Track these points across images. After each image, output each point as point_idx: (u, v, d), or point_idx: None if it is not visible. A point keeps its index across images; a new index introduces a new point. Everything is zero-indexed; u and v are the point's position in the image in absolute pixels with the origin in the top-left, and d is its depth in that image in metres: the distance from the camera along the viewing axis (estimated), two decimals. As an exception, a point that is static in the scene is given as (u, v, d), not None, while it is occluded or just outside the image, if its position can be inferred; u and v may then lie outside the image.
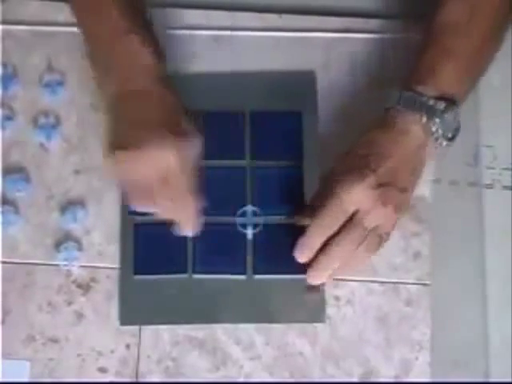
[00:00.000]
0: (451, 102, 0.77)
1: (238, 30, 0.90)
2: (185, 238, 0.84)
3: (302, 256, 0.79)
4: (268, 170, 0.85)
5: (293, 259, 0.83)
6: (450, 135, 0.78)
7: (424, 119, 0.77)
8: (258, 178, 0.85)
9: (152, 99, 0.77)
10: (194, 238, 0.84)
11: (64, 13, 0.89)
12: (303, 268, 0.83)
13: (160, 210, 0.79)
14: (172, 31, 0.89)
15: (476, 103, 0.89)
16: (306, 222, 0.79)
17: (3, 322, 0.82)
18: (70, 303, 0.83)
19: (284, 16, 0.90)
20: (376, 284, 0.84)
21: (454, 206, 0.87)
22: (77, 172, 0.86)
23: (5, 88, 0.88)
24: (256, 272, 0.84)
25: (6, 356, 0.82)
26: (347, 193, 0.76)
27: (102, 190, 0.86)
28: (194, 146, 0.77)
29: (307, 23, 0.90)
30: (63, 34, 0.88)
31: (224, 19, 0.90)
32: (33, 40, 0.89)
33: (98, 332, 0.83)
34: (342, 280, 0.84)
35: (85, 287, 0.83)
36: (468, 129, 0.88)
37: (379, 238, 0.78)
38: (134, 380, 0.82)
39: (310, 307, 0.83)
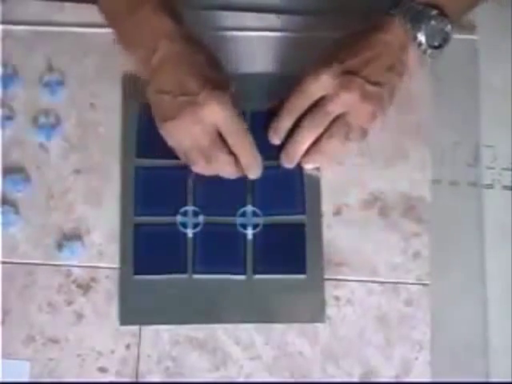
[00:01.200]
0: (440, 11, 0.80)
1: (238, 30, 0.90)
2: (185, 238, 0.84)
3: (274, 137, 0.83)
4: (268, 170, 0.85)
5: (293, 259, 0.84)
6: (435, 43, 0.80)
7: (408, 23, 0.80)
8: (258, 178, 0.85)
9: (181, 62, 0.80)
10: (194, 238, 0.84)
11: (64, 13, 0.89)
12: (303, 268, 0.83)
13: (220, 169, 0.81)
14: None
15: (476, 103, 0.89)
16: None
17: (3, 322, 0.82)
18: (69, 303, 0.83)
19: (282, 17, 0.90)
20: (376, 284, 0.84)
21: (454, 206, 0.87)
22: (77, 172, 0.86)
23: (5, 88, 0.88)
24: (256, 272, 0.84)
25: (5, 356, 0.82)
26: (312, 78, 0.80)
27: (102, 190, 0.86)
28: (231, 93, 0.80)
29: (307, 23, 0.90)
30: (63, 34, 0.89)
31: (224, 19, 0.90)
32: (33, 40, 0.89)
33: (98, 332, 0.83)
34: (341, 280, 0.84)
35: (85, 287, 0.83)
36: (468, 129, 0.89)
37: (347, 126, 0.80)
38: (133, 380, 0.82)
39: (310, 307, 0.83)
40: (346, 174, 0.86)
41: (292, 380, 0.83)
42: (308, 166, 0.85)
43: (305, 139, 0.82)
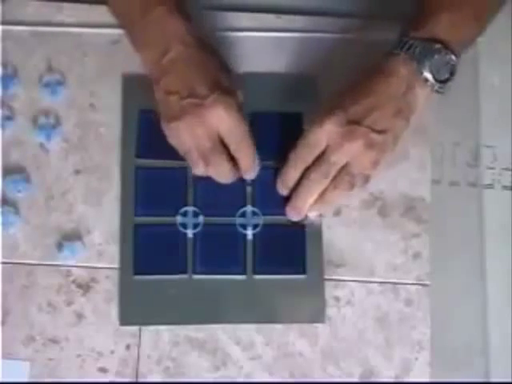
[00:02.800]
0: (444, 45, 0.79)
1: (238, 30, 0.90)
2: (185, 239, 0.84)
3: (281, 188, 0.84)
4: (268, 171, 0.85)
5: (293, 259, 0.84)
6: (442, 78, 0.79)
7: (414, 61, 0.79)
8: (258, 179, 0.85)
9: (192, 64, 0.80)
10: (194, 238, 0.84)
11: (64, 13, 0.89)
12: (303, 268, 0.83)
13: (218, 173, 0.82)
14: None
15: (476, 103, 0.89)
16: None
17: (3, 322, 0.82)
18: (69, 303, 0.83)
19: (283, 17, 0.90)
20: (376, 284, 0.84)
21: (454, 207, 0.87)
22: (77, 172, 0.86)
23: (5, 88, 0.87)
24: (256, 272, 0.84)
25: (5, 356, 0.82)
26: (317, 128, 0.79)
27: (102, 190, 0.86)
28: (238, 99, 0.81)
29: (307, 24, 0.90)
30: (63, 34, 0.88)
31: (224, 19, 0.90)
32: (33, 40, 0.89)
33: (98, 332, 0.83)
34: (341, 280, 0.84)
35: (85, 287, 0.83)
36: (468, 129, 0.89)
37: (350, 176, 0.80)
38: (133, 380, 0.82)
39: (310, 307, 0.83)
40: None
41: (292, 380, 0.83)
42: (311, 215, 0.84)
43: (312, 192, 0.81)
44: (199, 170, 0.82)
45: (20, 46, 0.89)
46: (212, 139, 0.79)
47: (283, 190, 0.84)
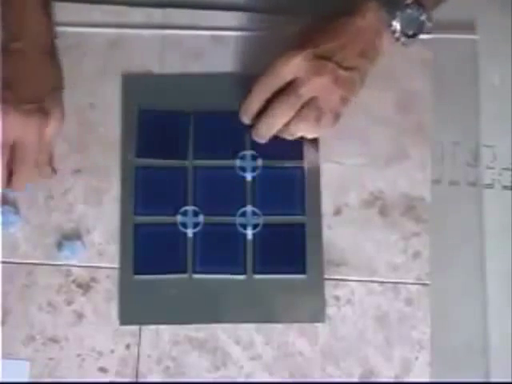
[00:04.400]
0: (417, 1, 0.80)
1: (238, 30, 0.90)
2: (184, 238, 0.84)
3: (243, 117, 0.84)
4: (268, 170, 0.85)
5: (293, 259, 0.84)
6: (410, 32, 0.80)
7: (384, 9, 0.80)
8: (258, 178, 0.85)
9: (29, 64, 0.81)
10: (194, 238, 0.84)
11: (64, 13, 0.89)
12: (303, 268, 0.83)
13: None
14: (172, 31, 0.89)
15: (476, 103, 0.89)
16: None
17: (3, 322, 0.82)
18: (69, 303, 0.83)
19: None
20: (376, 284, 0.84)
21: (454, 206, 0.87)
22: (77, 172, 0.86)
23: (5, 88, 0.88)
24: (256, 272, 0.84)
25: (5, 356, 0.82)
26: (284, 61, 0.80)
27: (102, 190, 0.86)
28: (53, 122, 0.82)
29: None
30: (63, 34, 0.88)
31: (224, 19, 0.90)
32: (33, 40, 0.89)
33: (98, 332, 0.83)
34: (341, 280, 0.84)
35: (85, 287, 0.83)
36: (468, 129, 0.89)
37: (317, 110, 0.80)
38: (133, 380, 0.82)
39: (310, 307, 0.83)
40: (345, 174, 0.86)
41: (292, 380, 0.83)
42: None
43: (276, 121, 0.82)
44: None
45: (20, 45, 0.89)
46: (4, 141, 0.79)
47: (245, 118, 0.84)
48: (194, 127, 0.86)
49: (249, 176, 0.86)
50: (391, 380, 0.83)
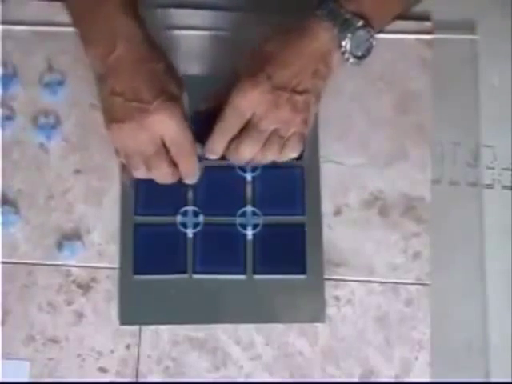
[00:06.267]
0: (367, 22, 0.80)
1: (238, 30, 0.89)
2: (184, 238, 0.84)
3: (211, 156, 0.83)
4: (268, 170, 0.85)
5: (293, 259, 0.84)
6: (359, 54, 0.80)
7: (336, 30, 0.79)
8: (258, 178, 0.85)
9: (137, 67, 0.79)
10: (194, 238, 0.84)
11: (64, 13, 0.88)
12: (303, 268, 0.83)
13: (159, 176, 0.81)
14: (172, 31, 0.89)
15: (476, 103, 0.89)
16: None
17: (3, 322, 0.82)
18: (70, 303, 0.83)
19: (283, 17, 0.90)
20: (376, 284, 0.84)
21: (454, 206, 0.87)
22: (77, 172, 0.86)
23: (5, 88, 0.88)
24: (256, 272, 0.84)
25: (5, 356, 0.82)
26: (242, 98, 0.79)
27: (102, 190, 0.86)
28: (183, 104, 0.80)
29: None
30: (63, 34, 0.88)
31: (224, 19, 0.90)
32: (33, 40, 0.89)
33: (98, 332, 0.83)
34: (341, 280, 0.84)
35: (85, 287, 0.84)
36: (468, 129, 0.89)
37: (280, 139, 0.81)
38: (133, 380, 0.82)
39: (310, 307, 0.83)
40: (345, 174, 0.86)
41: (292, 380, 0.83)
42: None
43: (243, 157, 0.82)
44: (140, 173, 0.81)
45: (20, 45, 0.89)
46: (155, 144, 0.79)
47: (213, 157, 0.83)
48: (193, 127, 0.86)
49: (249, 176, 0.86)
50: (391, 380, 0.83)
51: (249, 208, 0.85)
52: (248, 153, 0.81)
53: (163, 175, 0.81)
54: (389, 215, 0.86)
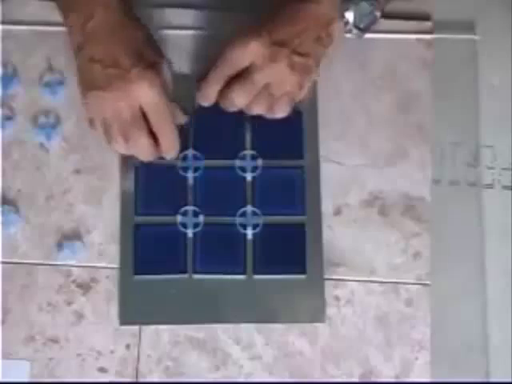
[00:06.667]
0: None
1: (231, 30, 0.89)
2: (185, 238, 0.84)
3: (202, 100, 0.84)
4: (268, 170, 0.85)
5: (293, 259, 0.84)
6: (361, 25, 0.82)
7: (339, 1, 0.81)
8: (258, 178, 0.85)
9: (116, 33, 0.80)
10: (194, 238, 0.84)
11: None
12: (303, 268, 0.83)
13: (138, 149, 0.81)
14: (172, 31, 0.89)
15: (476, 103, 0.89)
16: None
17: (3, 322, 0.82)
18: (69, 303, 0.83)
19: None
20: (376, 284, 0.84)
21: (454, 206, 0.87)
22: (77, 172, 0.86)
23: (5, 88, 0.87)
24: (256, 272, 0.84)
25: (5, 356, 0.82)
26: (241, 47, 0.80)
27: (102, 190, 0.86)
28: (165, 74, 0.81)
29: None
30: (63, 34, 0.88)
31: (224, 19, 0.90)
32: (33, 40, 0.89)
33: (98, 332, 0.83)
34: (341, 280, 0.84)
35: (85, 287, 0.83)
36: (468, 129, 0.89)
37: (270, 96, 0.81)
38: (134, 380, 0.82)
39: (310, 307, 0.83)
40: (345, 174, 0.86)
41: (292, 380, 0.83)
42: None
43: (232, 104, 0.83)
44: (119, 145, 0.81)
45: (20, 45, 0.89)
46: (133, 113, 0.79)
47: (205, 103, 0.84)
48: (193, 127, 0.86)
49: (249, 176, 0.86)
50: (391, 380, 0.83)
51: (249, 208, 0.85)
52: (237, 101, 0.82)
53: (142, 147, 0.81)
54: (389, 215, 0.86)
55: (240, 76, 0.82)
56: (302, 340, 0.83)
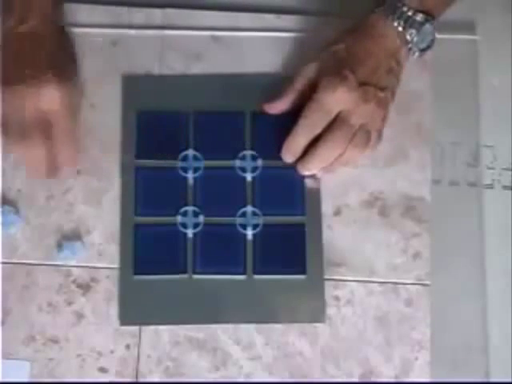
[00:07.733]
0: (429, 15, 0.82)
1: (238, 30, 0.90)
2: (185, 238, 0.84)
3: (287, 156, 0.84)
4: (268, 170, 0.85)
5: (293, 259, 0.84)
6: (422, 46, 0.83)
7: (400, 28, 0.82)
8: (258, 178, 0.85)
9: (43, 42, 0.82)
10: (194, 238, 0.84)
11: (64, 13, 0.89)
12: (303, 268, 0.83)
13: (32, 155, 0.81)
14: (172, 31, 0.89)
15: (476, 103, 0.89)
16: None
17: (3, 322, 0.82)
18: (70, 303, 0.83)
19: (282, 17, 0.90)
20: (376, 284, 0.84)
21: (454, 206, 0.87)
22: (77, 172, 0.86)
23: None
24: (256, 272, 0.84)
25: (5, 356, 0.82)
26: (330, 95, 0.80)
27: (102, 190, 0.86)
28: (77, 91, 0.84)
29: (306, 24, 0.90)
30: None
31: (224, 19, 0.90)
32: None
33: (98, 332, 0.83)
34: (341, 280, 0.84)
35: (85, 287, 0.84)
36: (468, 129, 0.89)
37: (367, 133, 0.82)
38: (133, 380, 0.82)
39: (310, 307, 0.83)
40: (345, 174, 0.86)
41: (292, 380, 0.83)
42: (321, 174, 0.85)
43: (331, 153, 0.82)
44: (12, 142, 0.80)
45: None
46: (36, 115, 0.79)
47: (289, 158, 0.84)
48: (193, 128, 0.86)
49: (249, 176, 0.86)
50: (391, 380, 0.83)
51: (249, 208, 0.85)
52: (337, 148, 0.81)
53: (36, 153, 0.80)
54: (389, 215, 0.86)
55: (330, 125, 0.81)
56: (302, 340, 0.83)
